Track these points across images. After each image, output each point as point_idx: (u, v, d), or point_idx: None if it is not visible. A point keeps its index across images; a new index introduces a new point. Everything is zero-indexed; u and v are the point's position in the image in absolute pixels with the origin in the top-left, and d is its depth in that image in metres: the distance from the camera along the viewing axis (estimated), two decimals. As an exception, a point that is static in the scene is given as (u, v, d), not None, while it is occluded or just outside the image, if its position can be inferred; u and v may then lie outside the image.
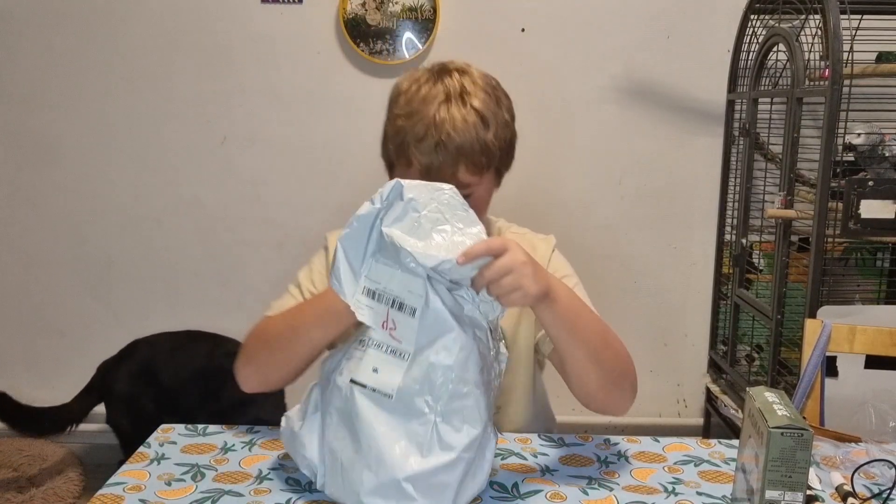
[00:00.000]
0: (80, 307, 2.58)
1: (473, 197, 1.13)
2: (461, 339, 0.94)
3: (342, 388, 0.96)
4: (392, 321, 0.96)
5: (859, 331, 1.52)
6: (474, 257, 0.92)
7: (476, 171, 1.11)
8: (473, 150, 1.09)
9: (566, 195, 2.49)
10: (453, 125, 1.08)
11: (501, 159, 1.16)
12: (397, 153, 1.13)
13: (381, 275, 0.98)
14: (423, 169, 1.09)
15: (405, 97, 1.14)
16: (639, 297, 2.56)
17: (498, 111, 1.14)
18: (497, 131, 1.12)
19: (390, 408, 0.93)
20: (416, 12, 2.35)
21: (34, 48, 2.42)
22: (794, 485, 0.86)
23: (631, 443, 1.18)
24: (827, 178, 1.87)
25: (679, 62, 2.42)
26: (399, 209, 0.96)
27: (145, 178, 2.50)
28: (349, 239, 0.98)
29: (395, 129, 1.13)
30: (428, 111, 1.10)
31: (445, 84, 1.13)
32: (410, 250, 0.93)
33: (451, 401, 0.93)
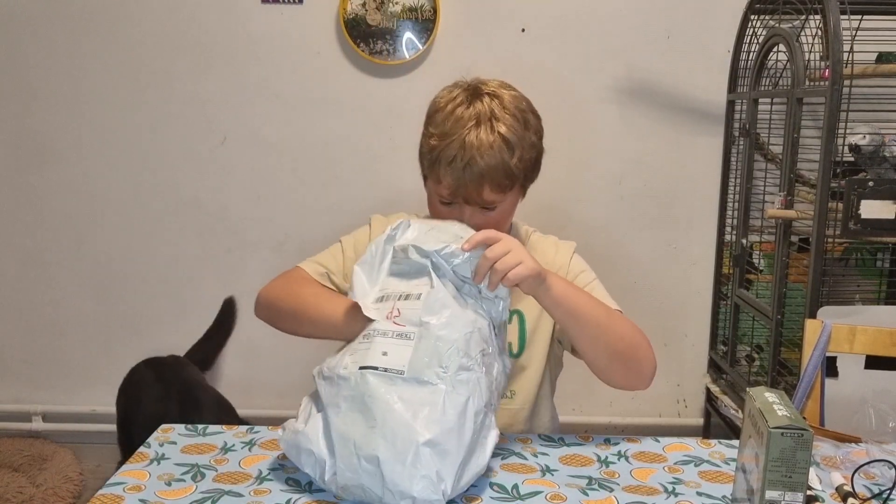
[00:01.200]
0: (80, 307, 2.57)
1: (498, 211, 1.25)
2: (464, 317, 1.03)
3: (350, 377, 0.99)
4: (397, 310, 1.04)
5: (859, 331, 1.52)
6: (476, 244, 1.05)
7: (499, 190, 1.22)
8: (497, 172, 1.19)
9: (566, 195, 2.48)
10: (479, 150, 1.18)
11: (526, 177, 1.27)
12: (430, 170, 1.24)
13: (391, 284, 1.09)
14: (452, 187, 1.20)
15: (441, 115, 1.23)
16: (639, 297, 2.56)
17: (525, 134, 1.23)
18: (522, 154, 1.22)
19: (403, 383, 0.97)
20: (416, 12, 2.35)
21: (34, 48, 2.42)
22: (795, 485, 0.86)
23: (631, 443, 1.18)
24: (827, 179, 1.86)
25: (679, 62, 2.42)
26: (408, 234, 1.12)
27: (145, 178, 2.50)
28: (365, 263, 1.11)
29: (430, 148, 1.23)
30: (459, 134, 1.20)
31: (477, 108, 1.22)
32: (415, 243, 1.07)
33: (458, 372, 0.98)
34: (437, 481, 0.92)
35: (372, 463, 0.93)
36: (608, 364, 1.19)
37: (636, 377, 1.22)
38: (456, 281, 1.07)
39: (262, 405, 2.47)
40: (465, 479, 0.96)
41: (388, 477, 0.91)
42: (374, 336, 1.02)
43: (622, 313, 1.28)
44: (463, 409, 0.96)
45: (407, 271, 1.10)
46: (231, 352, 2.50)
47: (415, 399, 0.95)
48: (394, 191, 2.45)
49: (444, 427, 0.94)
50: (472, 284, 1.07)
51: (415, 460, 0.92)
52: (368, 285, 1.10)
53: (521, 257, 1.06)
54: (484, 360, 1.02)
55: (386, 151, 2.45)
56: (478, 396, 0.99)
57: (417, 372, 0.97)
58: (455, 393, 0.97)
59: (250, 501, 0.98)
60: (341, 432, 0.97)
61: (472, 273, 1.06)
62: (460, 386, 0.97)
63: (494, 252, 1.05)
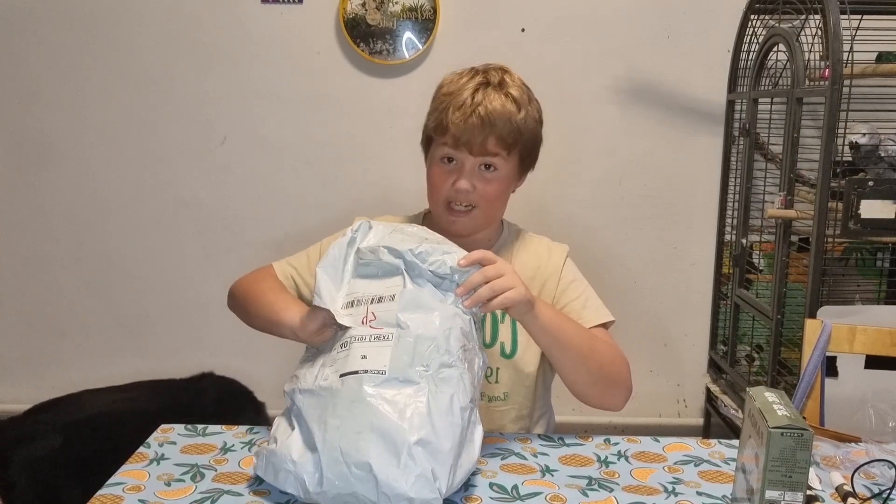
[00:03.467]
0: (80, 307, 2.58)
1: (496, 177, 1.25)
2: (443, 313, 1.01)
3: (331, 386, 0.97)
4: (371, 314, 1.02)
5: (859, 331, 1.52)
6: (472, 262, 1.04)
7: (503, 145, 1.23)
8: (503, 121, 1.21)
9: (566, 195, 2.48)
10: (490, 101, 1.22)
11: (526, 147, 1.28)
12: (436, 122, 1.25)
13: (358, 287, 1.06)
14: (458, 131, 1.21)
15: (448, 82, 1.29)
16: (639, 297, 2.56)
17: (531, 104, 1.28)
18: (526, 117, 1.25)
19: (385, 384, 0.95)
20: (416, 12, 2.35)
21: (34, 48, 2.42)
22: (795, 485, 0.86)
23: (631, 443, 1.18)
24: (827, 178, 1.86)
25: (679, 62, 2.42)
26: (371, 236, 1.10)
27: (145, 178, 2.50)
28: (327, 265, 1.08)
29: (439, 101, 1.27)
30: (468, 90, 1.24)
31: (486, 76, 1.27)
32: (388, 243, 1.05)
33: (440, 369, 0.97)
34: (432, 480, 0.91)
35: (363, 469, 0.90)
36: (585, 388, 1.21)
37: (610, 400, 1.23)
38: (433, 279, 1.05)
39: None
40: (459, 476, 0.95)
41: (381, 480, 0.90)
42: (351, 343, 1.00)
43: (608, 329, 1.31)
44: (449, 406, 0.95)
45: (375, 273, 1.07)
46: (231, 353, 2.50)
47: (399, 399, 0.94)
48: (393, 190, 2.45)
49: (433, 425, 0.93)
50: (451, 280, 1.05)
51: (408, 461, 0.90)
52: (334, 288, 1.07)
53: (513, 282, 1.06)
54: (465, 356, 1.00)
55: (386, 151, 2.45)
56: (462, 392, 0.97)
57: (399, 372, 0.95)
58: (439, 391, 0.95)
59: (250, 501, 0.98)
60: (327, 443, 0.93)
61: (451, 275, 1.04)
62: (443, 384, 0.96)
63: (488, 273, 1.04)
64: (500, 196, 1.29)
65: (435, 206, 1.30)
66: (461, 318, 1.03)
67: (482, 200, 1.26)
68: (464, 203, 1.25)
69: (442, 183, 1.25)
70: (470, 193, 1.24)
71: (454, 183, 1.24)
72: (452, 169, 1.25)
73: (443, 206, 1.27)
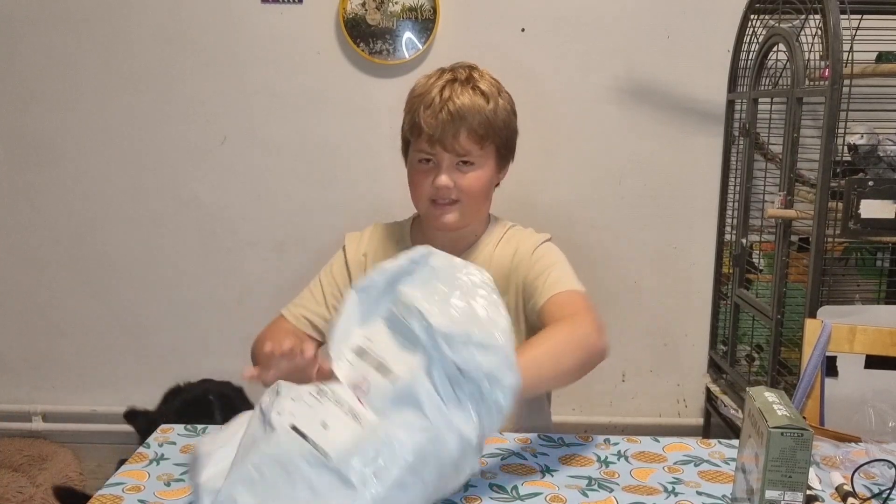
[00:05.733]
0: (80, 307, 2.57)
1: (475, 171, 1.27)
2: (433, 432, 0.84)
3: (278, 429, 0.83)
4: (368, 383, 0.89)
5: (859, 331, 1.52)
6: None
7: (477, 139, 1.25)
8: (473, 115, 1.24)
9: (566, 195, 2.48)
10: (458, 96, 1.25)
11: (501, 138, 1.29)
12: (410, 124, 1.29)
13: (379, 335, 0.93)
14: (430, 130, 1.24)
15: (419, 85, 1.32)
16: (639, 297, 2.56)
17: (500, 97, 1.30)
18: (497, 110, 1.27)
19: (323, 470, 0.81)
20: (416, 12, 2.35)
21: (34, 48, 2.42)
22: (794, 485, 0.86)
23: (631, 443, 1.18)
24: (827, 178, 1.86)
25: (679, 62, 2.42)
26: (424, 274, 0.95)
27: (145, 178, 2.50)
28: (365, 290, 0.96)
29: (410, 105, 1.30)
30: (437, 88, 1.27)
31: (454, 73, 1.30)
32: (422, 309, 0.89)
33: (391, 489, 0.82)
34: None
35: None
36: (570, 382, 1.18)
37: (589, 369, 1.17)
38: (453, 374, 0.87)
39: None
40: None
41: None
42: (326, 397, 0.87)
43: (582, 295, 1.25)
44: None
45: (401, 330, 0.92)
46: (231, 353, 2.50)
47: (326, 494, 0.80)
48: (393, 190, 2.44)
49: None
50: (475, 383, 0.87)
51: None
52: (358, 320, 0.94)
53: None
54: (437, 485, 0.86)
55: (386, 151, 2.45)
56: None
57: (344, 465, 0.80)
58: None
59: (250, 501, 0.98)
60: (228, 481, 0.83)
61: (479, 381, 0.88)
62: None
63: None
64: (483, 189, 1.31)
65: (420, 205, 1.33)
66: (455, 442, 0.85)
67: (464, 195, 1.28)
68: (447, 198, 1.28)
69: (422, 183, 1.29)
70: (451, 189, 1.27)
71: (434, 181, 1.27)
72: (431, 168, 1.28)
73: (427, 203, 1.30)
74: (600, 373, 2.67)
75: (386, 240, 1.41)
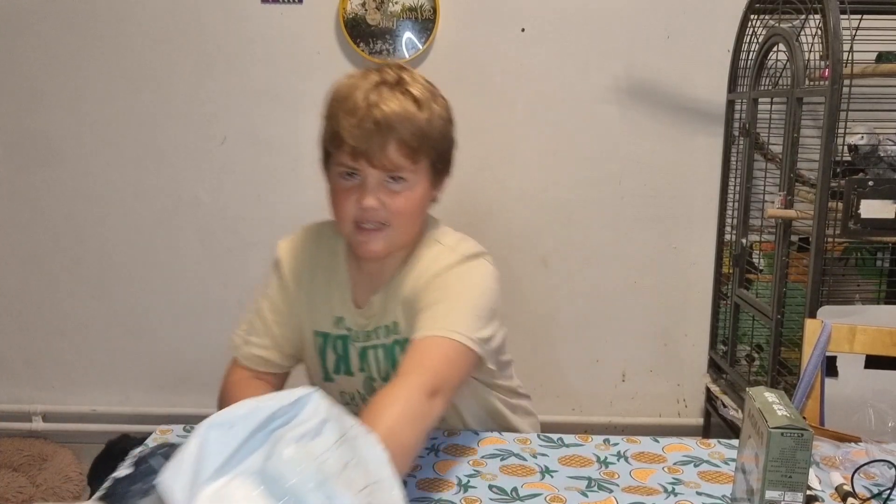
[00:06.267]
0: (80, 307, 2.57)
1: (408, 190, 1.10)
2: None
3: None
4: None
5: (859, 331, 1.52)
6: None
7: (409, 153, 1.08)
8: (404, 125, 1.07)
9: (566, 195, 2.48)
10: (385, 103, 1.07)
11: (436, 151, 1.12)
12: (331, 133, 1.12)
13: (239, 493, 0.72)
14: (354, 140, 1.06)
15: (340, 87, 1.14)
16: (639, 297, 2.56)
17: (434, 105, 1.12)
18: (432, 119, 1.10)
19: None
20: (416, 12, 2.35)
21: (34, 48, 2.42)
22: (794, 485, 0.86)
23: (630, 443, 1.18)
24: (827, 178, 1.86)
25: (679, 62, 2.42)
26: (307, 426, 0.75)
27: (145, 178, 2.50)
28: (219, 429, 0.73)
29: (330, 110, 1.13)
30: (361, 92, 1.09)
31: (381, 74, 1.13)
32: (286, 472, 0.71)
33: None
34: None
35: None
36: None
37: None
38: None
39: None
40: None
41: None
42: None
43: (452, 345, 1.04)
44: None
45: (280, 495, 0.72)
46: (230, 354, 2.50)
47: None
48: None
49: None
50: None
51: None
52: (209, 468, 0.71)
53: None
54: None
55: (386, 151, 2.45)
56: None
57: None
58: None
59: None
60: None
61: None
62: None
63: None
64: (415, 211, 1.14)
65: (343, 227, 1.16)
66: None
67: (394, 218, 1.11)
68: (374, 221, 1.11)
69: (346, 202, 1.12)
70: (378, 211, 1.10)
71: (359, 201, 1.10)
72: (355, 185, 1.11)
73: (351, 227, 1.13)
74: (600, 373, 2.68)
75: (319, 249, 1.29)
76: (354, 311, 1.24)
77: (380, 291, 1.22)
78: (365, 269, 1.24)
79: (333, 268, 1.27)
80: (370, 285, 1.23)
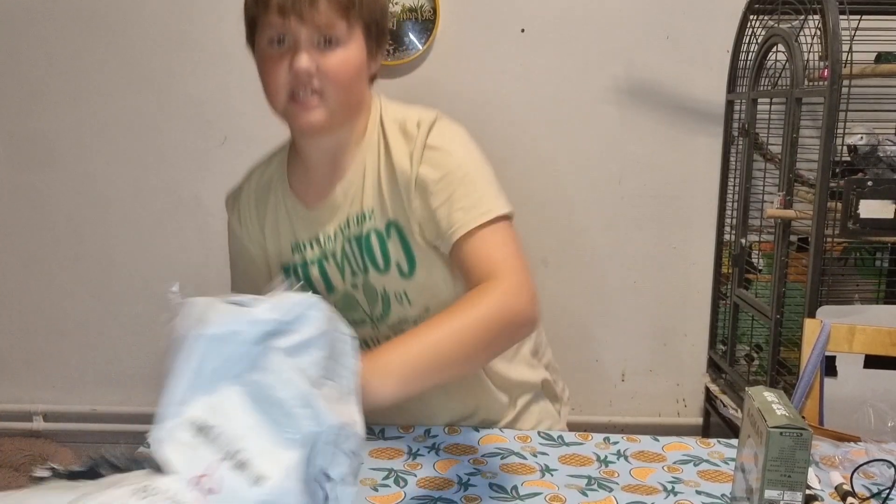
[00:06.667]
0: (80, 307, 2.58)
1: (341, 51, 1.02)
2: None
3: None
4: (217, 481, 0.66)
5: (858, 330, 1.52)
6: None
7: (340, 10, 1.00)
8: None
9: (566, 195, 2.49)
10: None
11: (370, 13, 1.05)
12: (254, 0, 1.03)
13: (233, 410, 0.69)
14: (280, 4, 0.99)
15: None
16: (639, 297, 2.56)
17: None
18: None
19: None
20: (416, 12, 2.35)
21: (35, 48, 2.42)
22: (794, 484, 0.86)
23: (630, 441, 1.18)
24: (826, 179, 1.87)
25: (679, 62, 2.43)
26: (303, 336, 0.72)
27: (145, 178, 2.50)
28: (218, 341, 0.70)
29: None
30: None
31: None
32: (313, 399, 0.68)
33: None
34: None
35: None
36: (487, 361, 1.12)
37: (514, 341, 1.10)
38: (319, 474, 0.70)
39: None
40: None
41: None
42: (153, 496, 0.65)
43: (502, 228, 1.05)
44: None
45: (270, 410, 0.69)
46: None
47: None
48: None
49: None
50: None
51: None
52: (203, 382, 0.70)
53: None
54: None
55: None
56: None
57: None
58: None
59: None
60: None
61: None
62: None
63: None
64: (353, 75, 1.05)
65: (277, 103, 1.06)
66: None
67: (330, 83, 1.03)
68: (309, 88, 1.02)
69: (277, 69, 1.03)
70: (313, 75, 1.01)
71: (291, 65, 1.01)
72: (285, 51, 1.02)
73: (286, 100, 1.05)
74: (600, 373, 2.68)
75: (262, 189, 1.22)
76: (309, 215, 1.14)
77: (343, 181, 1.13)
78: (317, 167, 1.15)
79: (279, 197, 1.20)
80: (329, 181, 1.14)
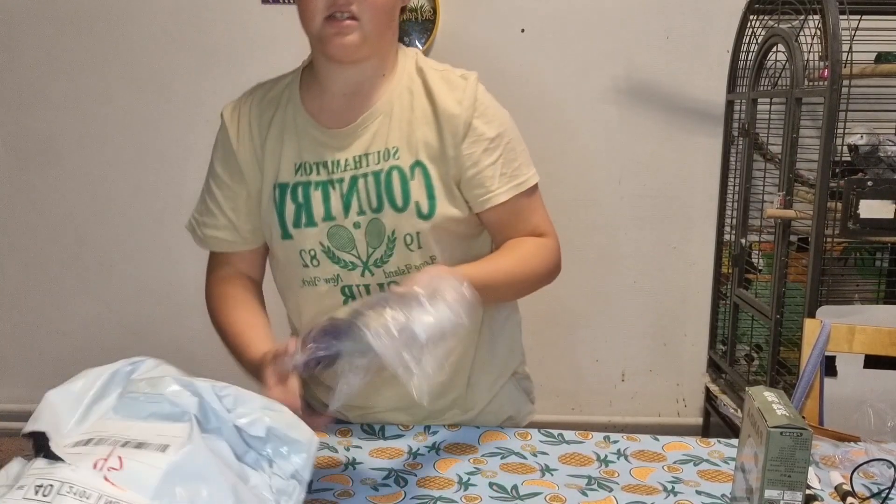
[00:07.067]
0: (80, 307, 2.58)
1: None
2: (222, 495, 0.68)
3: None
4: (117, 459, 0.68)
5: (858, 330, 1.52)
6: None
7: None
8: None
9: (566, 195, 2.49)
10: None
11: None
12: None
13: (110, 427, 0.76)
14: None
15: None
16: (639, 297, 2.56)
17: None
18: None
19: None
20: (416, 12, 2.35)
21: (34, 48, 2.42)
22: (794, 484, 0.86)
23: (630, 441, 1.18)
24: (826, 179, 1.87)
25: (679, 62, 2.43)
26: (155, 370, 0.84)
27: (145, 178, 2.50)
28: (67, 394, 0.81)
29: None
30: None
31: None
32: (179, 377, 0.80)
33: None
34: None
35: None
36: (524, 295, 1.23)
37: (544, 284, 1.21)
38: (237, 444, 0.76)
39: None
40: None
41: None
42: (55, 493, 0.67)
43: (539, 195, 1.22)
44: None
45: (148, 413, 0.77)
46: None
47: None
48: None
49: None
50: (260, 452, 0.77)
51: None
52: (68, 416, 0.78)
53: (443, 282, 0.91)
54: None
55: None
56: None
57: None
58: None
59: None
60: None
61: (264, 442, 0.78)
62: None
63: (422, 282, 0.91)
64: (387, 7, 1.08)
65: (312, 26, 1.10)
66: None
67: (366, 11, 1.05)
68: (346, 12, 1.05)
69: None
70: (350, 1, 1.04)
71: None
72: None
73: (321, 22, 1.07)
74: (600, 373, 2.68)
75: (268, 103, 1.23)
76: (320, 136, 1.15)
77: (369, 112, 1.14)
78: (337, 95, 1.16)
79: (288, 113, 1.20)
80: (349, 109, 1.15)
